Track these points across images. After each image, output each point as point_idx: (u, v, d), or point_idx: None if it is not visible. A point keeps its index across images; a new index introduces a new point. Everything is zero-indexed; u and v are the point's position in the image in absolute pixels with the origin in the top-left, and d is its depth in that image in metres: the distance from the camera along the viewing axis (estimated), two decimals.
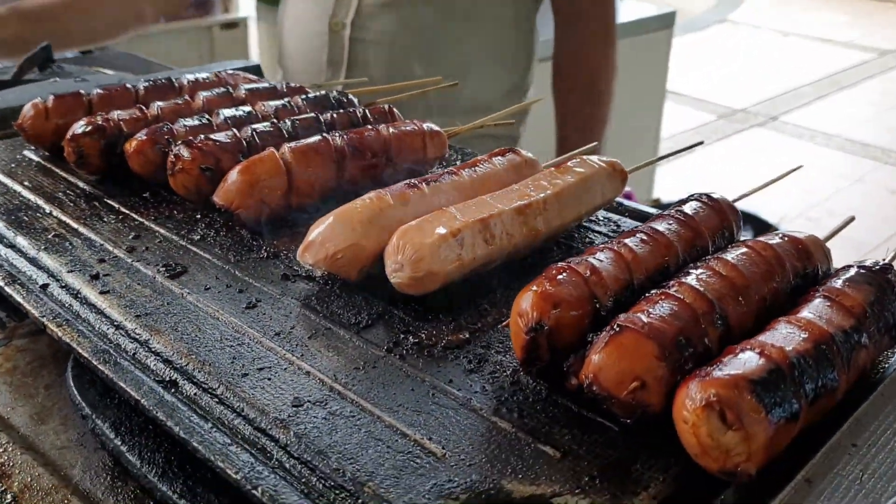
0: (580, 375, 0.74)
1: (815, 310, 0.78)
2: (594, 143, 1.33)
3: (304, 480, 0.69)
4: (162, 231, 1.06)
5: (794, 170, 1.09)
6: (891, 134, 7.40)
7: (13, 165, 1.25)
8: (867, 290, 0.82)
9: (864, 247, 5.26)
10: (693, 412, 0.66)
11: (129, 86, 1.32)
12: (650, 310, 0.76)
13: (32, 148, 1.30)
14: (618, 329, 0.74)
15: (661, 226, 0.93)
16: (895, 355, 0.84)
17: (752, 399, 0.65)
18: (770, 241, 0.89)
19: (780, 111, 7.64)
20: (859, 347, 0.76)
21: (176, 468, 0.80)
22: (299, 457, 0.71)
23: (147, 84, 1.33)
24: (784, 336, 0.73)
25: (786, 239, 0.90)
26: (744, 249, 0.86)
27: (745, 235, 1.00)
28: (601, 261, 0.84)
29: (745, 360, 0.69)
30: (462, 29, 2.05)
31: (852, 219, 1.06)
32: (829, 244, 0.95)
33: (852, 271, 0.85)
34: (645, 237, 0.90)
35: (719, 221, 0.97)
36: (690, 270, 0.83)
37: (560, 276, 0.80)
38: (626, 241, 0.89)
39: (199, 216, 1.10)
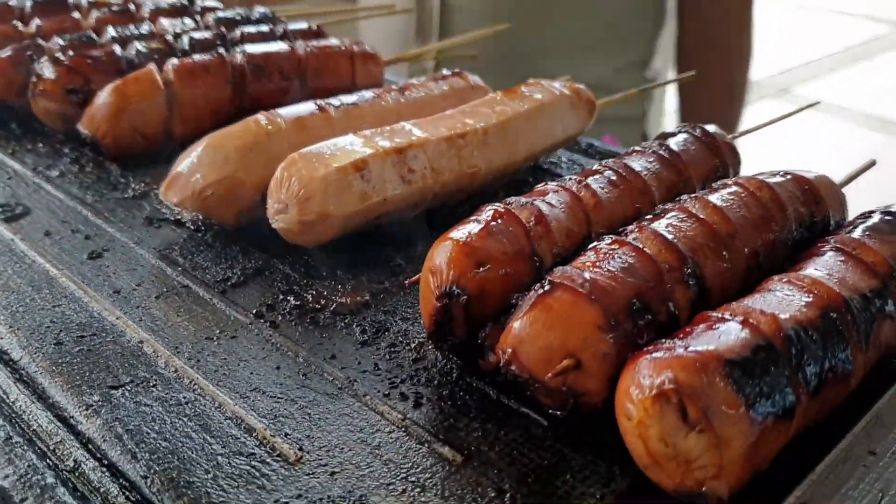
0: (497, 350, 0.54)
1: (824, 266, 0.58)
2: None
3: (102, 492, 0.49)
4: (16, 166, 0.86)
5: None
6: (862, 99, 7.14)
7: None
8: (895, 241, 0.61)
9: None
10: (640, 405, 0.45)
11: (13, 2, 1.11)
12: (597, 262, 0.55)
13: None
14: (548, 287, 0.53)
15: (637, 163, 0.72)
16: None
17: (726, 387, 0.45)
18: (769, 180, 0.67)
19: (794, 83, 7.36)
20: (882, 318, 0.56)
21: None
22: (101, 457, 0.51)
23: (37, 1, 1.11)
24: (780, 300, 0.52)
25: (789, 178, 0.69)
26: (733, 188, 0.65)
27: None
28: (552, 205, 0.63)
29: (722, 332, 0.48)
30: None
31: (873, 162, 0.85)
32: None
33: (876, 217, 0.64)
34: (614, 177, 0.69)
35: (713, 163, 0.76)
36: (660, 212, 0.63)
37: (493, 224, 0.59)
38: (589, 180, 0.68)
39: (66, 150, 0.91)
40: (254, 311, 0.64)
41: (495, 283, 0.56)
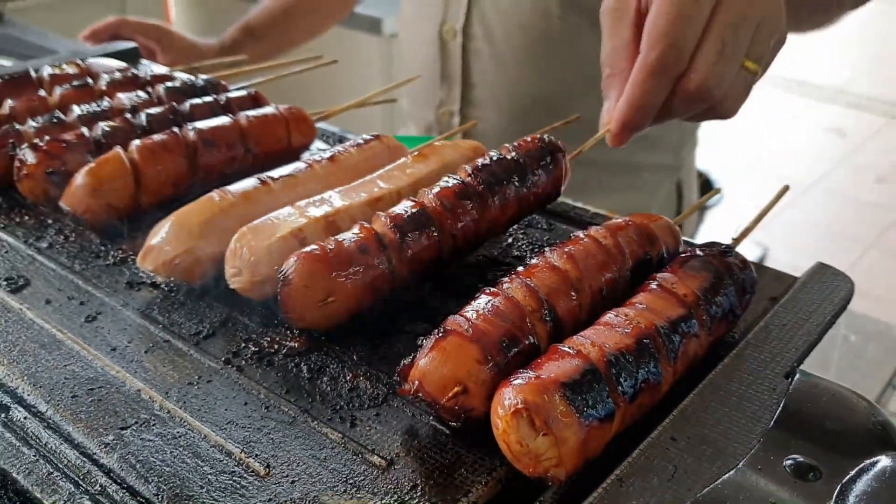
0: (409, 381, 0.74)
1: (646, 299, 0.78)
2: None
3: None
4: (9, 240, 1.03)
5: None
6: (827, 69, 7.49)
7: None
8: (703, 276, 0.82)
9: (798, 186, 5.35)
10: (503, 419, 0.66)
11: None
12: (477, 309, 0.75)
13: None
14: (442, 333, 0.73)
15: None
16: (739, 343, 0.84)
17: (561, 402, 0.65)
18: (614, 227, 0.88)
19: None
20: (689, 337, 0.77)
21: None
22: (122, 482, 0.69)
23: (4, 79, 1.27)
24: (607, 332, 0.73)
25: (631, 224, 0.90)
26: (585, 239, 0.86)
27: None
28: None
29: (562, 362, 0.69)
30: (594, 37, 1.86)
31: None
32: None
33: (691, 258, 0.85)
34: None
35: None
36: (529, 265, 0.83)
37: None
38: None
39: (50, 221, 1.07)
40: (223, 359, 0.83)
41: None
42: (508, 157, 0.98)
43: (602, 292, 0.82)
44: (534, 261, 0.82)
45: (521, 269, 0.81)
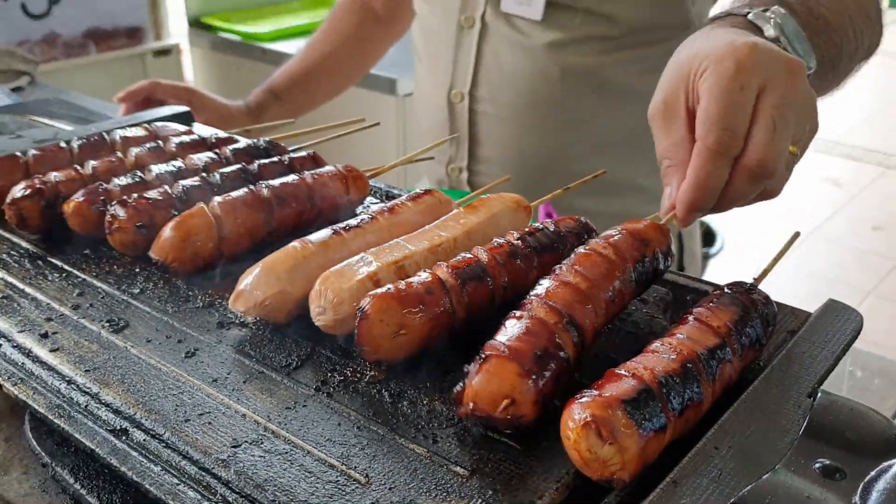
0: (465, 403, 0.85)
1: (685, 331, 0.90)
2: None
3: None
4: (104, 287, 1.14)
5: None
6: (823, 121, 7.67)
7: None
8: (732, 310, 0.94)
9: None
10: (573, 431, 0.77)
11: (63, 144, 1.40)
12: (509, 332, 0.87)
13: None
14: (483, 357, 0.85)
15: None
16: (765, 369, 0.95)
17: (623, 416, 0.77)
18: (610, 238, 1.01)
19: None
20: (724, 363, 0.89)
21: None
22: (240, 491, 0.80)
23: (81, 142, 1.40)
24: (655, 357, 0.85)
25: (624, 232, 1.03)
26: (586, 252, 0.99)
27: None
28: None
29: (620, 383, 0.80)
30: (604, 104, 1.91)
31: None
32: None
33: (722, 294, 0.97)
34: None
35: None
36: (540, 283, 0.95)
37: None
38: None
39: (137, 269, 1.18)
40: (314, 387, 0.94)
41: None
42: (551, 228, 1.11)
43: (613, 298, 0.95)
44: (547, 281, 0.94)
45: (539, 290, 0.93)
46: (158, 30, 4.23)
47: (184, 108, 1.73)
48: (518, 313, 0.90)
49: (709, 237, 3.94)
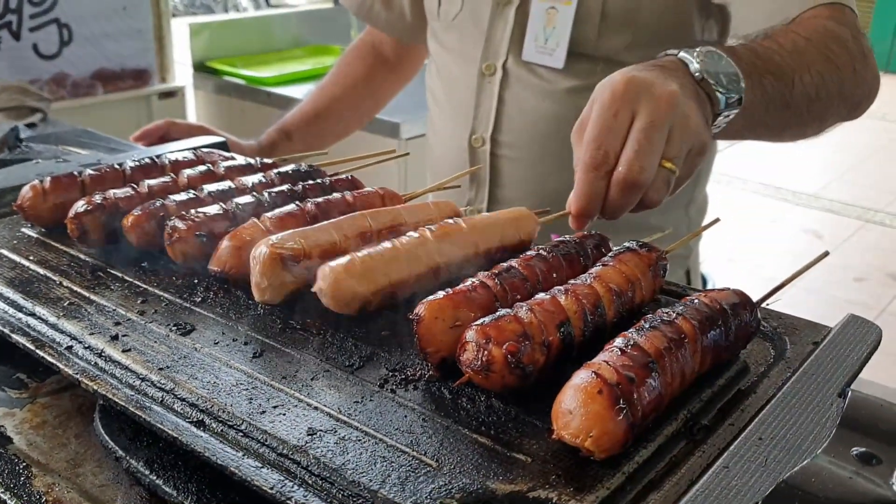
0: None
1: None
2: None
3: (326, 492, 0.84)
4: (166, 295, 1.21)
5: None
6: (801, 176, 7.90)
7: (15, 242, 1.38)
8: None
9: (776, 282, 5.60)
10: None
11: (116, 166, 1.47)
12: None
13: (29, 225, 1.43)
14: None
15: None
16: (797, 372, 1.03)
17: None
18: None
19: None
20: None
21: (208, 495, 0.94)
22: (319, 474, 0.86)
23: (133, 164, 1.47)
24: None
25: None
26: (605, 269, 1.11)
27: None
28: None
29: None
30: None
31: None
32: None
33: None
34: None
35: None
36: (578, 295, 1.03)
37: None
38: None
39: (196, 281, 1.25)
40: (377, 384, 1.01)
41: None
42: (572, 241, 1.20)
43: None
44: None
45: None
46: (164, 73, 4.33)
47: (221, 139, 1.81)
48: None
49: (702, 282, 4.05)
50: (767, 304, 1.15)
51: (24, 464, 1.04)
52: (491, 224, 1.26)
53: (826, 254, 1.22)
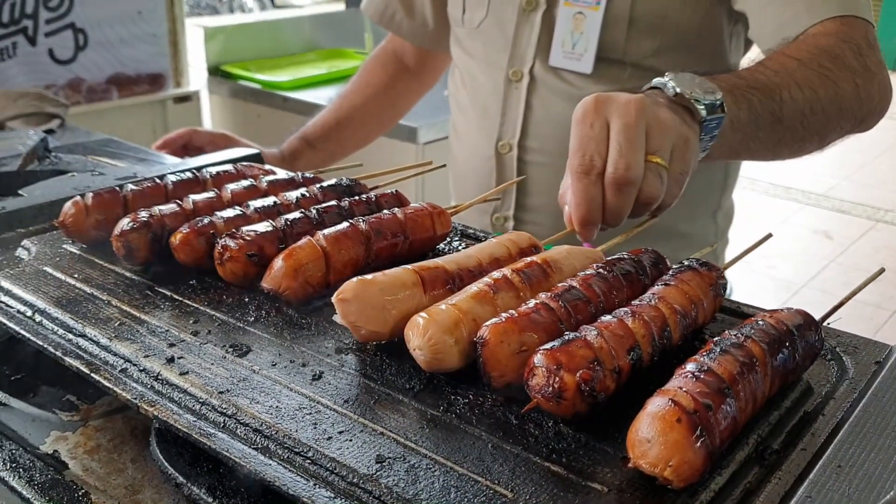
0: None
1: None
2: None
3: None
4: (218, 315, 1.19)
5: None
6: (810, 176, 7.88)
7: (58, 259, 1.37)
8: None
9: (792, 286, 5.60)
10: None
11: (157, 180, 1.46)
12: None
13: (70, 241, 1.42)
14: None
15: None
16: (866, 395, 1.01)
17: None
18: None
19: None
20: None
21: None
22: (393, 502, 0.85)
23: (175, 179, 1.46)
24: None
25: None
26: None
27: None
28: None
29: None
30: None
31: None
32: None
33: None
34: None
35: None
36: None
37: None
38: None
39: (246, 300, 1.23)
40: (440, 409, 0.99)
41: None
42: (630, 258, 1.18)
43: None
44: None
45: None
46: (179, 77, 4.31)
47: (255, 151, 1.80)
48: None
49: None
50: (828, 323, 1.13)
51: (83, 490, 1.03)
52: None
53: (882, 270, 1.21)
